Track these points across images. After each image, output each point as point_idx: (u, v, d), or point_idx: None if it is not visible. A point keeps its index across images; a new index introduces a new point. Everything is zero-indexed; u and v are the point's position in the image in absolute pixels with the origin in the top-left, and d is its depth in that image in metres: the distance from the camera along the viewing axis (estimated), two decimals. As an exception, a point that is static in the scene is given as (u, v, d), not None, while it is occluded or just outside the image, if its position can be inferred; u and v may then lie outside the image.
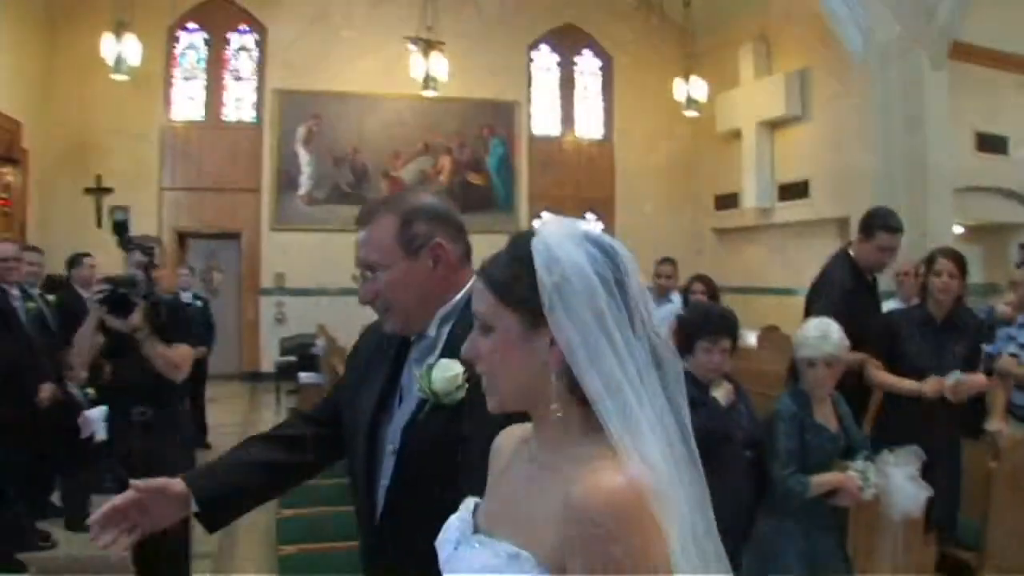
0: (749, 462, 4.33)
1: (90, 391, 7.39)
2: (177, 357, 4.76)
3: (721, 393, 4.27)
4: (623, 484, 1.34)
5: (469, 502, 1.67)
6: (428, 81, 13.71)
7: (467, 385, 2.10)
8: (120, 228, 4.90)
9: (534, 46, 16.31)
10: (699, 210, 16.31)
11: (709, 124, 15.42)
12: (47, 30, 14.21)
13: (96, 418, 7.14)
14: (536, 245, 1.50)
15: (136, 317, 4.57)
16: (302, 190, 15.24)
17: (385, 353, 2.38)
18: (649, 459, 1.39)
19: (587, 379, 1.43)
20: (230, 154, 15.12)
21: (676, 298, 8.39)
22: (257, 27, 15.26)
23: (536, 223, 1.58)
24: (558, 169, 16.29)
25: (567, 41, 16.49)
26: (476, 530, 1.59)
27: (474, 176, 15.78)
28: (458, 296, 2.28)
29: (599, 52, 16.62)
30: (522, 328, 1.50)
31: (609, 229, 16.05)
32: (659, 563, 1.33)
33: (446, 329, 2.27)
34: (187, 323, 5.08)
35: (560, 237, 1.50)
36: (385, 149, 15.40)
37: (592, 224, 1.51)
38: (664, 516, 1.35)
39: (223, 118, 15.38)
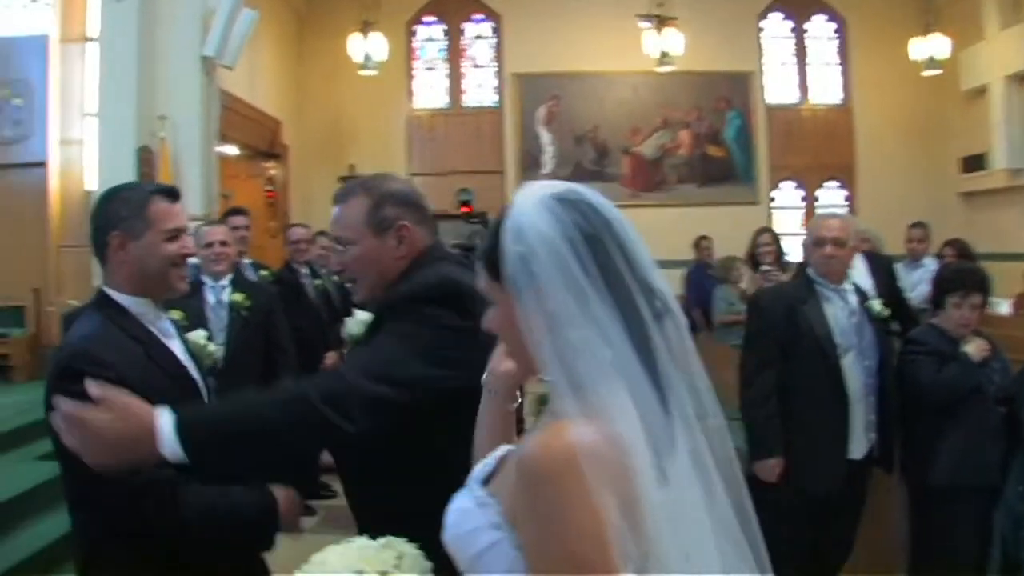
0: (1001, 418, 4.40)
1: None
2: None
3: (973, 348, 4.34)
4: (562, 445, 1.30)
5: (500, 450, 1.70)
6: (663, 57, 13.81)
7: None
8: (464, 205, 6.14)
9: (764, 15, 15.96)
10: (944, 173, 15.55)
11: (952, 82, 14.66)
12: (298, 37, 15.36)
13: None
14: (508, 215, 1.49)
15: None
16: (545, 169, 15.45)
17: None
18: (612, 424, 1.34)
19: (540, 347, 1.42)
20: (474, 138, 15.69)
21: (929, 262, 8.32)
22: (491, 15, 15.74)
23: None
24: (796, 138, 15.82)
25: (798, 7, 16.03)
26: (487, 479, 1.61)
27: (713, 149, 15.58)
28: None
29: (832, 15, 16.07)
30: (512, 299, 1.48)
31: (852, 196, 15.75)
32: (587, 527, 1.27)
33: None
34: None
35: (526, 203, 1.47)
36: (624, 126, 15.46)
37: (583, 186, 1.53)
38: (618, 480, 1.30)
39: (464, 104, 15.96)
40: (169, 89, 9.67)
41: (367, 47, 13.76)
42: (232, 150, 13.46)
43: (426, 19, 15.87)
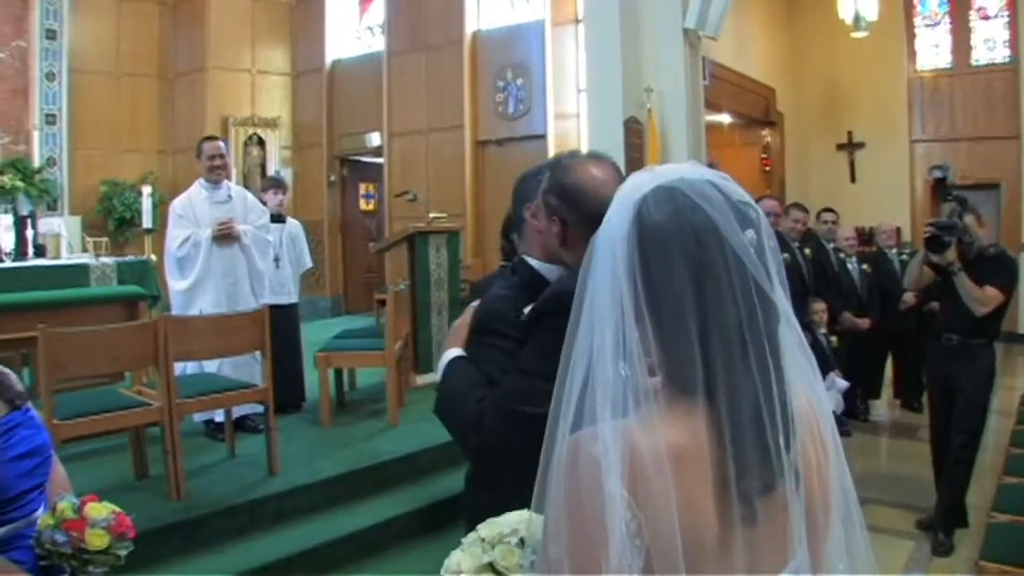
0: None
1: (833, 339, 7.85)
2: (982, 294, 5.58)
3: None
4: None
5: None
6: None
7: None
8: (940, 182, 6.01)
9: None
10: None
11: None
12: (788, 2, 14.97)
13: (840, 387, 7.44)
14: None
15: (950, 254, 5.59)
16: (1070, 134, 13.64)
17: None
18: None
19: None
20: (983, 100, 14.09)
21: None
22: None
23: None
24: None
25: None
26: None
27: None
28: None
29: None
30: None
31: None
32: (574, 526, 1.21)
33: None
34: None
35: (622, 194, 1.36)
36: None
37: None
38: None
39: (972, 62, 14.41)
40: (653, 62, 9.93)
41: (857, 7, 13.03)
42: (725, 119, 13.56)
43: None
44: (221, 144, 6.92)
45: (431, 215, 8.51)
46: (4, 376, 2.94)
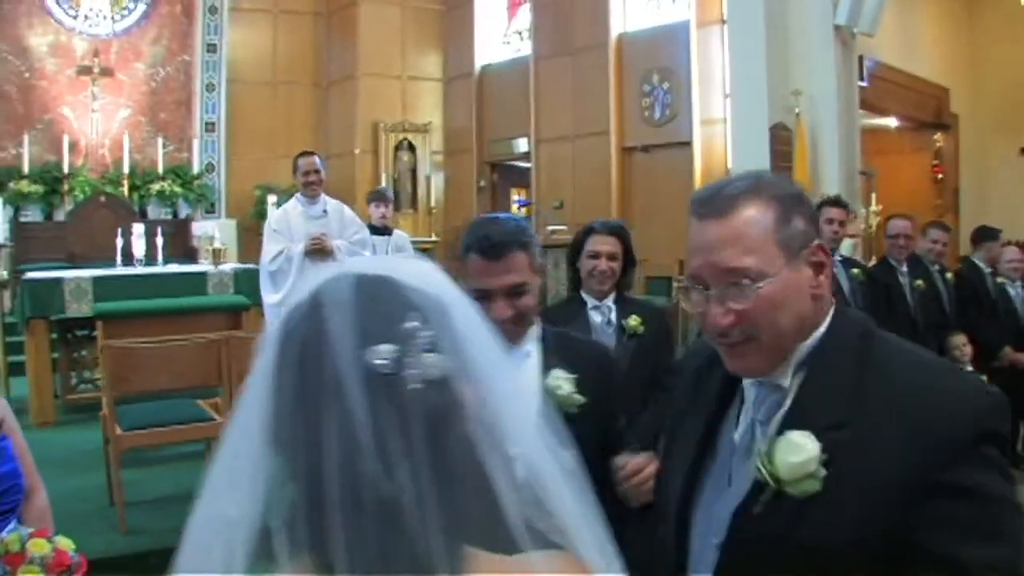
0: None
1: (983, 378, 6.96)
2: None
3: None
4: None
5: None
6: None
7: (824, 471, 1.41)
8: None
9: None
10: None
11: None
12: (968, -7, 13.90)
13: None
14: None
15: None
16: None
17: (706, 395, 1.68)
18: None
19: None
20: None
21: None
22: None
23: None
24: None
25: None
26: None
27: None
28: (821, 330, 1.55)
29: None
30: None
31: None
32: None
33: (798, 379, 1.53)
34: None
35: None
36: None
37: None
38: None
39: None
40: (803, 63, 9.51)
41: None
42: (891, 122, 12.81)
43: None
44: (316, 159, 6.93)
45: (549, 228, 8.28)
46: None
